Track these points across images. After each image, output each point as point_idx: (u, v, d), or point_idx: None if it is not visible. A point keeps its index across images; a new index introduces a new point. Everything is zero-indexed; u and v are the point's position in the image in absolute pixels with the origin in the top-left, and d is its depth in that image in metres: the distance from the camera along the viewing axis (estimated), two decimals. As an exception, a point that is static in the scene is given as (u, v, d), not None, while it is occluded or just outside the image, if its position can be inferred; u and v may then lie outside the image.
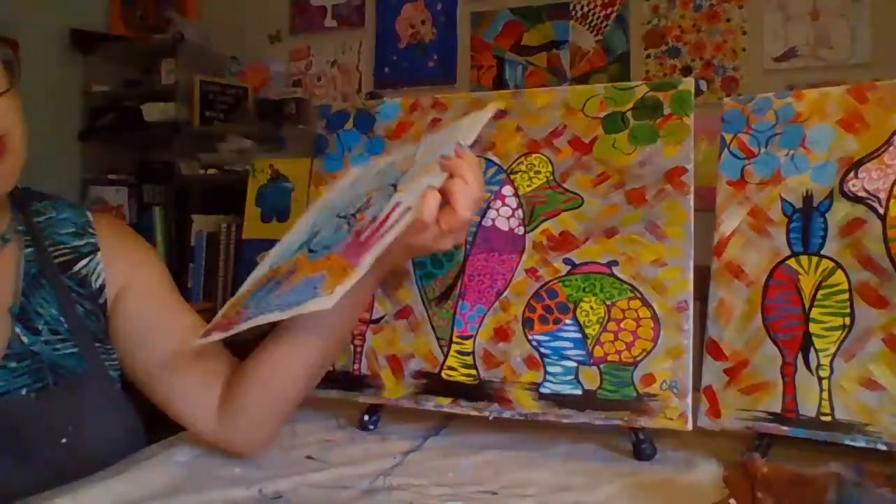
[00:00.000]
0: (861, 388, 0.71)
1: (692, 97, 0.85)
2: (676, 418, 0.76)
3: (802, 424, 0.73)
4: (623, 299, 0.81)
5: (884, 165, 0.76)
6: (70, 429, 0.73)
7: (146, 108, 3.34)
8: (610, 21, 3.13)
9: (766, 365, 0.76)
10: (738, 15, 2.96)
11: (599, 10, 3.15)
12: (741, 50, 2.95)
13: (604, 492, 0.69)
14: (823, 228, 0.77)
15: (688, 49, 3.02)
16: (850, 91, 0.79)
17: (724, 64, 2.97)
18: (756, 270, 0.79)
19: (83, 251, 0.81)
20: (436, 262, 0.90)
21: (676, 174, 0.83)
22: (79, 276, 0.79)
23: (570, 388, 0.81)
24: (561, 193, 0.88)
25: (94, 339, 0.78)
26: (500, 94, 0.95)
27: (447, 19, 3.38)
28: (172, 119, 3.31)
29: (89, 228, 0.83)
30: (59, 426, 0.72)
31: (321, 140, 1.03)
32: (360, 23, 3.51)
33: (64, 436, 0.72)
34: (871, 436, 0.70)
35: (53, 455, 0.71)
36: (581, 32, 3.16)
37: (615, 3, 3.13)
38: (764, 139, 0.82)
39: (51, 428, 0.72)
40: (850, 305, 0.74)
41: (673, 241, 0.81)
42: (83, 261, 0.80)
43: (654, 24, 3.07)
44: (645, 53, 3.08)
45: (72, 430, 0.73)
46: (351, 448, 0.83)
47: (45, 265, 0.78)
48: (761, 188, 0.81)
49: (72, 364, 0.75)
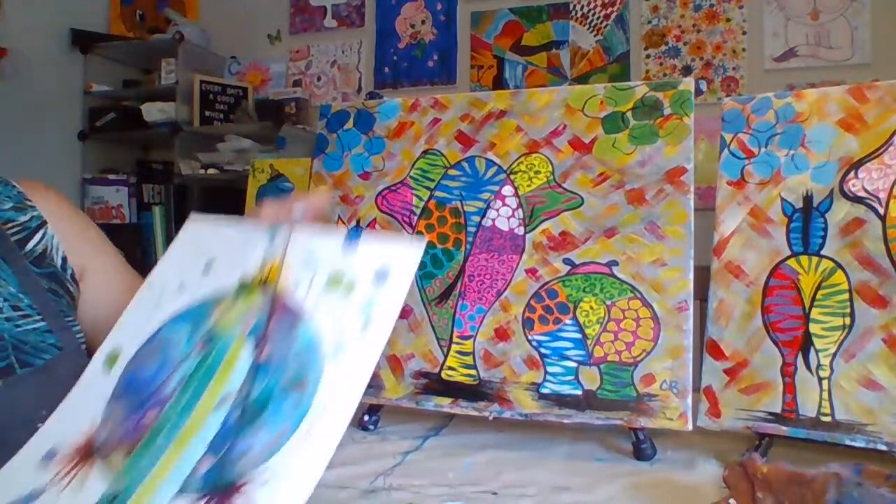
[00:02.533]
0: (861, 388, 0.71)
1: (692, 97, 0.85)
2: (676, 418, 0.76)
3: (802, 424, 0.73)
4: (623, 299, 0.81)
5: (884, 165, 0.76)
6: (44, 413, 0.71)
7: (146, 108, 3.34)
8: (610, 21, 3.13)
9: (766, 365, 0.76)
10: (738, 15, 2.96)
11: (599, 10, 3.15)
12: (741, 50, 2.95)
13: (603, 492, 0.69)
14: (823, 228, 0.77)
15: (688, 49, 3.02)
16: (850, 91, 0.79)
17: (724, 64, 2.97)
18: (756, 270, 0.79)
19: (30, 226, 0.78)
20: (436, 262, 0.90)
21: (676, 174, 0.83)
22: (34, 255, 0.77)
23: (570, 388, 0.81)
24: (561, 193, 0.88)
25: (64, 314, 0.76)
26: (500, 93, 0.95)
27: (447, 19, 3.38)
28: (172, 119, 3.31)
29: (27, 201, 0.80)
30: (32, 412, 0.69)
31: (321, 140, 1.03)
32: (360, 23, 3.51)
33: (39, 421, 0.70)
34: (871, 436, 0.70)
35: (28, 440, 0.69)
36: (581, 32, 3.16)
37: (615, 3, 3.13)
38: (764, 139, 0.82)
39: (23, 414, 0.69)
40: (850, 305, 0.74)
41: (673, 241, 0.81)
42: (35, 237, 0.78)
43: (654, 24, 3.07)
44: (645, 53, 3.08)
45: (45, 415, 0.71)
46: (351, 448, 0.83)
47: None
48: (761, 188, 0.81)
49: (37, 339, 0.73)
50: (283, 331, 0.59)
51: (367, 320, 0.57)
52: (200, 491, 0.52)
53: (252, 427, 0.54)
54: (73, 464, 0.58)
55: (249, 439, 0.54)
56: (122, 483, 0.55)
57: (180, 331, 0.62)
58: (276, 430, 0.53)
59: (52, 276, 0.77)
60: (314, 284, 0.60)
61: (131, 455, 0.56)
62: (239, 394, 0.56)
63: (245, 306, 0.62)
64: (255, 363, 0.57)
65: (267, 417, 0.54)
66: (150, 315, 0.64)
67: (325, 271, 0.60)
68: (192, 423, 0.56)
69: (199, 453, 0.54)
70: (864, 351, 0.72)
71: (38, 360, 0.72)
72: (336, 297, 0.59)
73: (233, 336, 0.60)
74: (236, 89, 3.47)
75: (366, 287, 0.58)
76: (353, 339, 0.57)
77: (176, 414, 0.57)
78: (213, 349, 0.60)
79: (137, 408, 0.59)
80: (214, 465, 0.53)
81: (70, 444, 0.59)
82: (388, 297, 0.58)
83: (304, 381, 0.55)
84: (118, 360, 0.63)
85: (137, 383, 0.61)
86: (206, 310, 0.63)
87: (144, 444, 0.56)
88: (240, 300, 0.62)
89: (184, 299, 0.64)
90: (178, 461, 0.54)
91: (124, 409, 0.59)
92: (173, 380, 0.59)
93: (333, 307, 0.58)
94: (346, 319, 0.57)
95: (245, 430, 0.54)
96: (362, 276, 0.59)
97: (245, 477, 0.52)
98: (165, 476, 0.54)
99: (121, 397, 0.60)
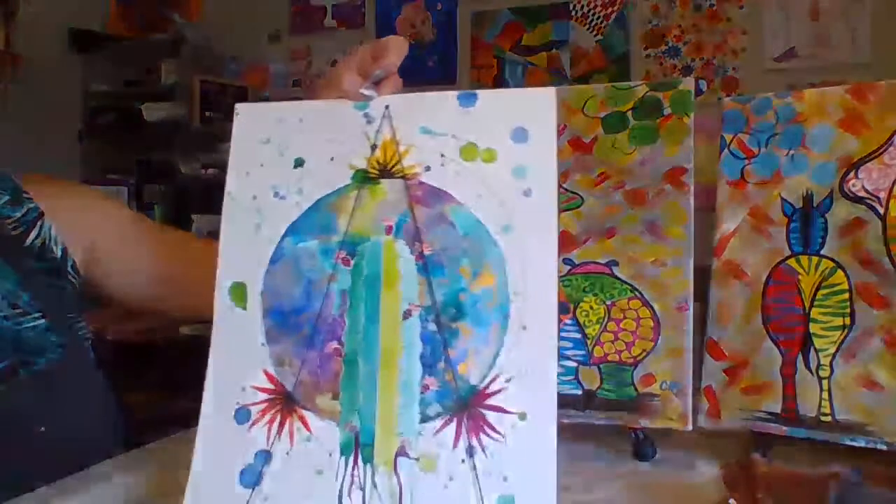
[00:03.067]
0: (861, 388, 0.71)
1: (692, 97, 0.85)
2: (676, 418, 0.76)
3: (802, 424, 0.73)
4: (623, 299, 0.81)
5: (884, 165, 0.76)
6: (46, 416, 0.69)
7: (146, 108, 3.34)
8: (610, 21, 3.14)
9: (766, 365, 0.76)
10: (738, 15, 2.96)
11: (599, 10, 3.15)
12: (741, 50, 2.95)
13: (603, 492, 0.69)
14: (823, 228, 0.77)
15: (688, 49, 3.02)
16: (850, 91, 0.79)
17: (724, 64, 2.97)
18: (756, 270, 0.79)
19: (27, 219, 0.76)
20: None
21: (676, 174, 0.83)
22: (34, 250, 0.75)
23: (570, 388, 0.81)
24: (561, 193, 0.88)
25: (67, 310, 0.75)
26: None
27: (447, 19, 3.39)
28: (172, 119, 3.32)
29: (24, 194, 0.78)
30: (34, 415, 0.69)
31: (321, 140, 1.03)
32: (360, 23, 3.52)
33: (41, 425, 0.68)
34: (871, 436, 0.70)
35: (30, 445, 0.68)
36: (581, 32, 3.17)
37: (615, 3, 3.13)
38: (764, 139, 0.82)
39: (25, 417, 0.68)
40: (850, 305, 0.74)
41: (673, 241, 0.81)
42: (33, 231, 0.76)
43: (654, 24, 3.07)
44: (645, 53, 3.08)
45: (47, 419, 0.69)
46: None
47: None
48: (761, 188, 0.81)
49: (37, 338, 0.71)
50: (435, 220, 0.52)
51: (527, 187, 0.52)
52: (444, 413, 0.49)
53: (458, 334, 0.50)
54: (279, 420, 0.52)
55: (463, 347, 0.50)
56: (354, 423, 0.51)
57: (307, 245, 0.54)
58: (484, 330, 0.50)
59: (52, 271, 0.76)
60: (447, 160, 0.53)
61: (341, 394, 0.51)
62: (421, 301, 0.51)
63: (375, 201, 0.54)
64: (422, 263, 0.51)
65: (468, 320, 0.50)
66: (256, 236, 0.55)
67: (454, 143, 0.53)
68: (386, 344, 0.51)
69: (416, 374, 0.50)
70: (864, 351, 0.72)
71: (40, 360, 0.71)
72: (479, 169, 0.52)
73: (378, 238, 0.53)
74: (236, 89, 3.47)
75: (508, 150, 0.52)
76: (519, 213, 0.51)
77: (361, 339, 0.51)
78: (363, 258, 0.53)
79: (308, 344, 0.52)
80: (443, 384, 0.50)
81: (258, 402, 0.53)
82: (539, 155, 0.52)
83: (487, 273, 0.50)
84: (247, 295, 0.54)
85: (288, 316, 0.53)
86: (327, 214, 0.54)
87: (346, 379, 0.51)
88: (364, 195, 0.54)
89: (289, 207, 0.55)
90: (401, 388, 0.50)
91: (294, 348, 0.53)
92: (332, 303, 0.53)
93: (481, 181, 0.52)
94: (501, 192, 0.52)
95: (452, 338, 0.50)
96: (499, 139, 0.53)
97: (481, 385, 0.49)
98: (396, 405, 0.50)
99: (279, 338, 0.53)
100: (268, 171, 0.56)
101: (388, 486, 0.49)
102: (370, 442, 0.50)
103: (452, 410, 0.49)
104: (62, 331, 0.73)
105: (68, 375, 0.72)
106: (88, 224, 0.81)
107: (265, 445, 0.51)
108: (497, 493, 0.47)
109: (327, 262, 0.53)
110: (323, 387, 0.51)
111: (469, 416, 0.49)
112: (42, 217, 0.78)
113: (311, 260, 0.54)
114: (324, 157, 0.55)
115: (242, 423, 0.52)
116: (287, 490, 0.50)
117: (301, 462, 0.50)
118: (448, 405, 0.49)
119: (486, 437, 0.48)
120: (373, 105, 0.56)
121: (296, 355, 0.52)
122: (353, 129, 0.55)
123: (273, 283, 0.54)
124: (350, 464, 0.49)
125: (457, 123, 0.53)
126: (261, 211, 0.55)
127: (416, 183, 0.53)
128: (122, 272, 0.81)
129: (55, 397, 0.71)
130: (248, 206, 0.56)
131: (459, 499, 0.48)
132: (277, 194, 0.55)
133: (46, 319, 0.73)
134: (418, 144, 0.54)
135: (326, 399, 0.51)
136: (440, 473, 0.48)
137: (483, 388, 0.49)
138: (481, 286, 0.50)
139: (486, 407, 0.49)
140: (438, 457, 0.48)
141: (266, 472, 0.50)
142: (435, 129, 0.53)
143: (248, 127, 0.58)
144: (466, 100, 0.54)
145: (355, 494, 0.49)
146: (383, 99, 0.57)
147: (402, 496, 0.48)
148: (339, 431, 0.51)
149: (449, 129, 0.53)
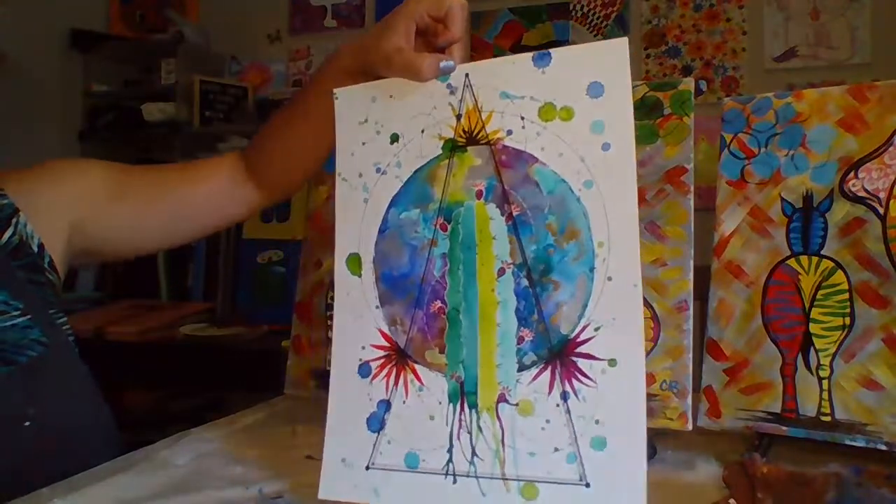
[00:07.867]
0: (861, 388, 0.71)
1: (692, 97, 0.85)
2: (676, 418, 0.76)
3: (802, 424, 0.73)
4: (623, 299, 0.81)
5: (884, 165, 0.75)
6: (31, 412, 0.69)
7: (146, 108, 3.34)
8: (610, 21, 3.13)
9: (766, 365, 0.76)
10: (738, 15, 2.96)
11: (599, 10, 3.15)
12: (741, 50, 2.95)
13: (604, 492, 0.69)
14: (823, 228, 0.77)
15: (688, 49, 3.02)
16: (850, 91, 0.79)
17: (724, 64, 2.97)
18: (756, 270, 0.79)
19: (2, 217, 0.76)
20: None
21: (676, 174, 0.83)
22: (11, 247, 0.74)
23: (570, 387, 0.81)
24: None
25: (48, 306, 0.74)
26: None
27: (447, 19, 3.38)
28: (172, 119, 3.32)
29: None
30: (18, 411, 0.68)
31: (321, 140, 1.03)
32: (360, 23, 3.51)
33: (26, 420, 0.68)
34: (871, 436, 0.70)
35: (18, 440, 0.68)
36: (581, 32, 3.17)
37: (615, 3, 3.13)
38: (764, 139, 0.82)
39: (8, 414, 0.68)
40: (850, 305, 0.74)
41: (673, 241, 0.81)
42: (8, 230, 0.75)
43: (654, 24, 3.07)
44: (645, 53, 3.08)
45: (33, 414, 0.69)
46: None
47: None
48: (761, 188, 0.81)
49: (18, 336, 0.70)
50: (521, 182, 0.56)
51: (605, 143, 0.55)
52: (538, 362, 0.53)
53: (548, 288, 0.54)
54: (395, 374, 0.58)
55: (554, 300, 0.53)
56: (458, 374, 0.56)
57: (410, 214, 0.59)
58: (572, 283, 0.53)
59: (30, 267, 0.75)
60: (527, 122, 0.56)
61: (446, 348, 0.57)
62: (513, 258, 0.55)
63: (464, 168, 0.58)
64: (512, 224, 0.55)
65: (557, 274, 0.54)
66: (365, 210, 0.61)
67: (533, 105, 0.56)
68: (484, 300, 0.56)
69: (512, 327, 0.54)
70: (864, 351, 0.72)
71: (21, 358, 0.70)
72: (558, 129, 0.55)
73: (471, 203, 0.57)
74: (236, 89, 3.47)
75: (585, 107, 0.55)
76: (599, 168, 0.54)
77: (461, 298, 0.56)
78: (458, 223, 0.57)
79: (416, 304, 0.58)
80: (537, 335, 0.54)
81: (375, 358, 0.59)
82: (615, 107, 0.55)
83: (572, 228, 0.54)
84: (361, 264, 0.61)
85: (396, 281, 0.59)
86: (424, 184, 0.59)
87: (451, 334, 0.57)
88: (455, 163, 0.58)
89: (390, 181, 0.60)
90: (499, 340, 0.55)
91: (404, 309, 0.59)
92: (434, 266, 0.58)
93: (561, 140, 0.55)
94: (581, 149, 0.54)
95: (543, 292, 0.54)
96: (576, 97, 0.55)
97: (572, 335, 0.53)
98: (495, 356, 0.55)
99: (390, 300, 0.59)
100: (368, 148, 0.61)
101: (492, 429, 0.54)
102: (474, 390, 0.55)
103: (546, 359, 0.53)
104: (43, 327, 0.73)
105: (52, 370, 0.72)
106: (70, 199, 0.81)
107: (385, 395, 0.58)
108: (590, 435, 0.51)
109: (427, 229, 0.59)
110: (430, 342, 0.57)
111: (562, 364, 0.53)
112: (17, 213, 0.77)
113: (414, 228, 0.59)
114: (415, 130, 0.60)
115: (365, 377, 0.59)
116: (406, 433, 0.57)
117: (416, 409, 0.57)
118: (542, 354, 0.53)
119: (579, 383, 0.52)
120: (453, 76, 0.59)
121: (405, 315, 0.59)
122: (439, 101, 0.59)
123: (382, 252, 0.60)
124: (457, 410, 0.55)
125: (533, 85, 0.56)
126: (366, 187, 0.61)
127: (500, 147, 0.57)
128: (121, 227, 0.82)
129: (39, 392, 0.70)
130: (356, 185, 0.62)
131: (556, 440, 0.52)
132: (379, 170, 0.61)
133: (26, 317, 0.72)
134: (499, 109, 0.57)
135: (434, 353, 0.57)
136: (538, 417, 0.53)
137: (574, 337, 0.53)
138: (567, 241, 0.54)
139: (578, 355, 0.52)
140: (535, 402, 0.53)
141: (387, 418, 0.57)
142: (513, 93, 0.57)
143: (347, 109, 0.63)
144: (541, 60, 0.56)
145: (463, 437, 0.55)
146: (462, 67, 0.59)
147: (504, 438, 0.53)
148: (446, 382, 0.56)
149: (527, 91, 0.56)
